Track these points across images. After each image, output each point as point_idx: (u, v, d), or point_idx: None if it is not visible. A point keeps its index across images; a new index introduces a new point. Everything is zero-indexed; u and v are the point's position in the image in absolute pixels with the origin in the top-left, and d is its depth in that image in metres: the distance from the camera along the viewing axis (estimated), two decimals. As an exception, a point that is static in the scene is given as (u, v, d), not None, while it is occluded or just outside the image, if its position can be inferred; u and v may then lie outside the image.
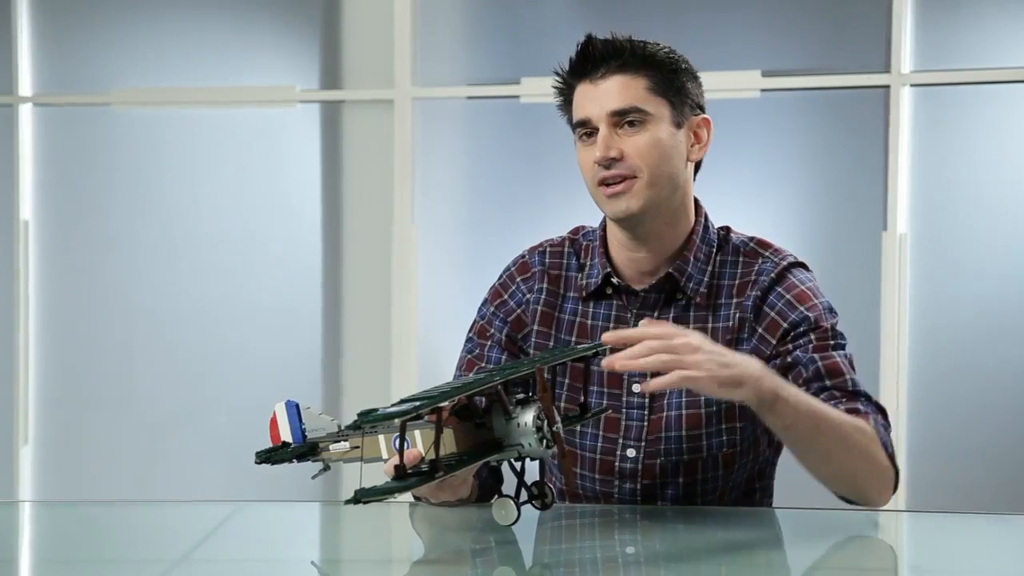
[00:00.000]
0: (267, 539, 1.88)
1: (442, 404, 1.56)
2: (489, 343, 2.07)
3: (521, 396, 1.65)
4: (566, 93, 2.00)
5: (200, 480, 3.95)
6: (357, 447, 1.72)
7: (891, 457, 1.87)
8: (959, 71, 3.59)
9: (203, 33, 3.97)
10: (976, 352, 3.61)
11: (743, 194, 3.61)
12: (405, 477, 1.57)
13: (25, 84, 4.01)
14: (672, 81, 1.95)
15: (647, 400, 1.97)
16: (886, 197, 3.61)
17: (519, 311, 2.07)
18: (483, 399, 1.66)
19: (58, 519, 2.05)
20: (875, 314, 3.61)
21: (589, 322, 2.02)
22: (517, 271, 2.10)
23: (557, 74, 2.00)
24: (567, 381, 2.00)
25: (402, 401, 1.56)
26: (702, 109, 2.00)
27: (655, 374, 1.71)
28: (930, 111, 3.62)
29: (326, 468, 1.78)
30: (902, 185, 3.61)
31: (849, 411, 1.87)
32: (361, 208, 3.92)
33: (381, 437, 1.69)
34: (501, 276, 2.12)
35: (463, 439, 1.64)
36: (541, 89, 3.79)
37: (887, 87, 3.61)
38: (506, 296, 2.09)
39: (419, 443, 1.65)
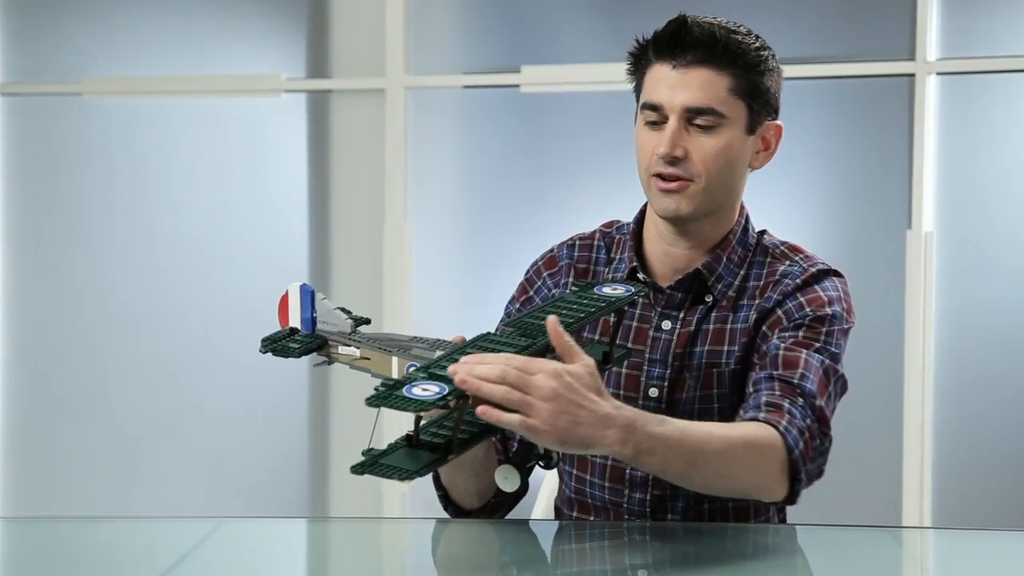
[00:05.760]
0: (251, 558, 1.88)
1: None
2: None
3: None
4: (642, 64, 2.00)
5: (179, 495, 3.96)
6: (367, 358, 1.75)
7: (795, 462, 1.83)
8: (988, 59, 3.59)
9: (182, 18, 3.97)
10: (1006, 357, 3.61)
11: (756, 189, 3.60)
12: (417, 449, 1.59)
13: (-8, 72, 4.02)
14: (757, 84, 1.96)
15: (663, 407, 1.99)
16: (911, 193, 3.62)
17: None
18: None
19: (27, 537, 2.05)
20: (899, 317, 3.61)
21: (612, 318, 2.03)
22: (544, 265, 2.12)
23: (637, 42, 2.00)
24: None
25: (429, 368, 1.57)
26: (777, 113, 2.02)
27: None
28: (957, 101, 3.62)
29: (326, 362, 1.82)
30: (928, 180, 3.61)
31: (770, 405, 1.86)
32: (351, 205, 3.93)
33: (395, 360, 1.72)
34: (528, 271, 2.14)
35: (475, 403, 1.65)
36: (542, 78, 3.80)
37: (912, 75, 3.61)
38: (532, 292, 2.11)
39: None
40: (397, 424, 1.79)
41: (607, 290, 1.78)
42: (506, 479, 1.69)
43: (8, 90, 4.02)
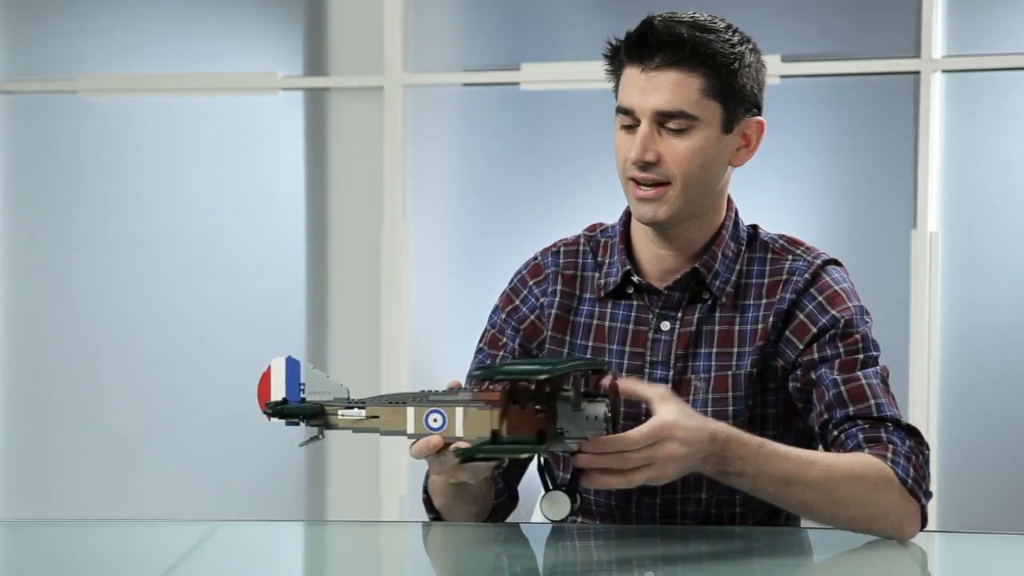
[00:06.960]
0: (248, 562, 1.88)
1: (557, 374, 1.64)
2: (501, 353, 2.07)
3: (584, 389, 1.68)
4: (616, 66, 2.00)
5: (176, 497, 3.95)
6: (374, 416, 1.73)
7: (912, 491, 1.86)
8: (994, 56, 3.59)
9: (178, 15, 3.97)
10: (1011, 358, 3.60)
11: (760, 189, 3.61)
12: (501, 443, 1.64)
13: (-14, 70, 4.02)
14: (730, 82, 1.94)
15: None
16: (915, 192, 3.61)
17: (532, 317, 2.07)
18: (532, 384, 1.68)
19: (20, 540, 2.05)
20: (904, 318, 3.61)
21: (607, 324, 2.03)
22: (529, 274, 2.10)
23: (610, 44, 2.00)
24: None
25: (502, 367, 1.63)
26: (759, 109, 2.00)
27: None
28: (963, 99, 3.62)
29: (318, 437, 1.77)
30: (933, 179, 3.60)
31: (869, 440, 1.88)
32: (349, 204, 3.92)
33: (411, 410, 1.70)
34: (512, 280, 2.11)
35: (516, 424, 1.65)
36: (542, 75, 3.80)
37: (917, 73, 3.61)
38: (518, 302, 2.09)
39: (458, 423, 1.67)
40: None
41: None
42: (553, 505, 1.70)
43: (2, 88, 4.02)
